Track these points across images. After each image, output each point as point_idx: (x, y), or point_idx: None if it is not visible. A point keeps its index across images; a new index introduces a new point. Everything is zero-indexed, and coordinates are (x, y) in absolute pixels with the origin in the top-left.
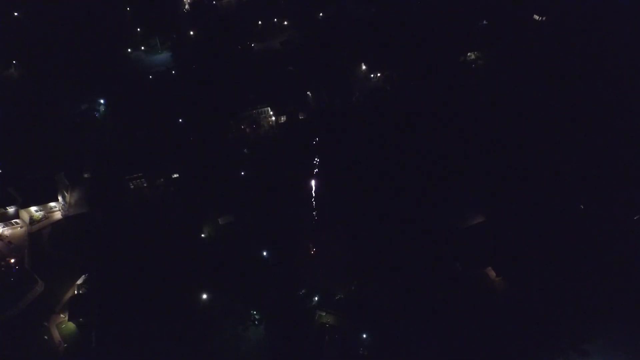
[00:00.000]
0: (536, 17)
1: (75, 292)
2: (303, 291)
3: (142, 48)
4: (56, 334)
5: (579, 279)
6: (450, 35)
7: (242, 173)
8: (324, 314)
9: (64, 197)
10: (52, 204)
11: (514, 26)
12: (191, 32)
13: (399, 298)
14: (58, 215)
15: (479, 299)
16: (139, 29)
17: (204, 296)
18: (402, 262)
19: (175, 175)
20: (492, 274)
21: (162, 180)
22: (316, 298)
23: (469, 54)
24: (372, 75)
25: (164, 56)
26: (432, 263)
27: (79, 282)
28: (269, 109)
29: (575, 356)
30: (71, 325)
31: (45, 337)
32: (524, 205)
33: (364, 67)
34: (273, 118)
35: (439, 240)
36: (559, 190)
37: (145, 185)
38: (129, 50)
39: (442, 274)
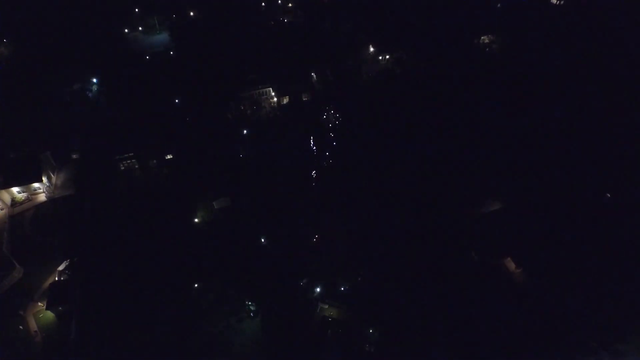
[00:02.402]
0: (553, 0)
1: (56, 278)
2: (304, 281)
3: (140, 28)
4: (32, 324)
5: (609, 271)
6: (463, 18)
7: (241, 155)
8: (326, 306)
9: (49, 178)
10: (36, 184)
11: (530, 9)
12: (191, 13)
13: (409, 290)
14: (42, 197)
15: (497, 292)
16: (136, 9)
17: (195, 285)
18: (413, 251)
19: (169, 157)
20: (511, 264)
21: (154, 161)
22: (318, 289)
23: (482, 37)
24: (380, 58)
25: (162, 37)
26: (445, 252)
27: (60, 268)
28: (271, 89)
29: (607, 356)
30: (49, 315)
31: (20, 327)
32: (546, 192)
33: (372, 48)
34: (275, 99)
35: (452, 228)
36: (584, 177)
37: (136, 166)
38: (126, 30)
39: (456, 265)
